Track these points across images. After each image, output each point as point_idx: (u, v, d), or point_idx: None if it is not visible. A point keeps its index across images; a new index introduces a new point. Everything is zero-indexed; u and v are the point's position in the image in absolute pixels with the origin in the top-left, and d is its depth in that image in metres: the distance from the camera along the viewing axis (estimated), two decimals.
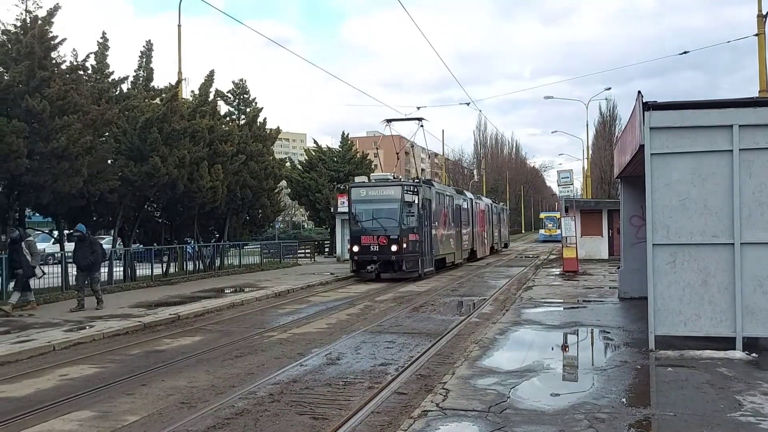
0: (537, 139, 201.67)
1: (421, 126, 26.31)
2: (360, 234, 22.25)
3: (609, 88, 68.54)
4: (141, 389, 7.72)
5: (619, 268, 16.16)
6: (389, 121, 25.42)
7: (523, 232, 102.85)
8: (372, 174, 28.32)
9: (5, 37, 15.81)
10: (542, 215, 72.60)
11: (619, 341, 9.86)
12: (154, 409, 6.89)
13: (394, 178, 25.39)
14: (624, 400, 6.52)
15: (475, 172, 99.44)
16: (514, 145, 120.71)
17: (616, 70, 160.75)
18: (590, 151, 55.15)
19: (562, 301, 14.99)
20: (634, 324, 11.21)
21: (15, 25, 16.03)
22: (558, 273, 23.24)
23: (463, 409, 6.17)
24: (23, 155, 14.68)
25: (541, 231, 65.63)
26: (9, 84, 15.00)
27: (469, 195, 34.59)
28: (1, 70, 15.49)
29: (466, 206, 31.60)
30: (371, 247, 21.97)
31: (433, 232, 24.20)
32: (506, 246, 49.75)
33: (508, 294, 17.76)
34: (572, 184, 26.79)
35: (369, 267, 21.81)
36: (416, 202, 22.26)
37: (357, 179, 25.00)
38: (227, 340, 11.06)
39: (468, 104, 45.34)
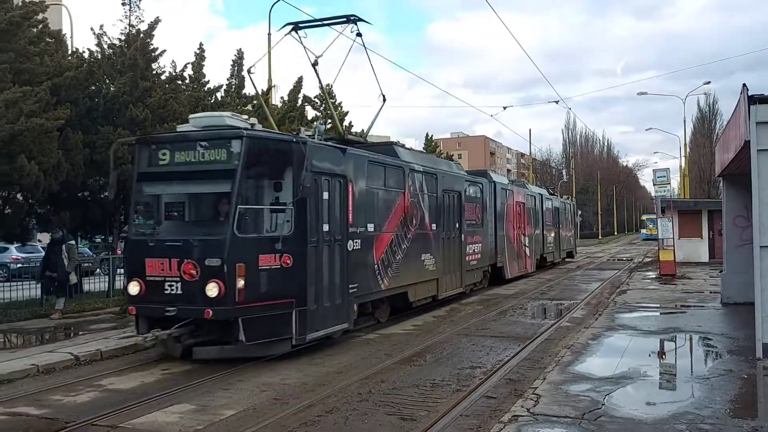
0: (630, 137, 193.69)
1: (358, 34, 12.31)
2: (142, 254, 9.28)
3: (708, 82, 65.21)
4: (237, 384, 8.02)
5: (721, 271, 15.27)
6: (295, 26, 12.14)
7: (615, 234, 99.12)
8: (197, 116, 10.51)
9: (111, 51, 16.88)
10: (644, 217, 77.35)
11: (723, 349, 9.32)
12: (249, 404, 7.14)
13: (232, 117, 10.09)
14: (729, 410, 6.15)
15: (564, 172, 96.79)
16: (606, 144, 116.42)
17: (716, 63, 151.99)
18: (688, 149, 52.41)
19: (658, 305, 14.33)
20: (738, 331, 10.55)
21: (120, 39, 17.09)
22: (654, 276, 22.23)
23: (555, 415, 6.02)
24: (128, 161, 15.61)
25: (643, 231, 70.25)
26: (115, 95, 16.02)
27: (495, 178, 21.59)
28: (108, 81, 16.54)
29: (475, 194, 18.29)
30: (166, 284, 8.95)
31: (354, 246, 10.91)
32: (570, 255, 35.26)
33: (601, 298, 17.17)
34: (669, 183, 25.49)
35: (155, 331, 8.92)
36: (294, 178, 9.49)
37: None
38: None
39: (557, 102, 43.92)
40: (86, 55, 17.25)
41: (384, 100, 13.14)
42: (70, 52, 17.66)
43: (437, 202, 14.68)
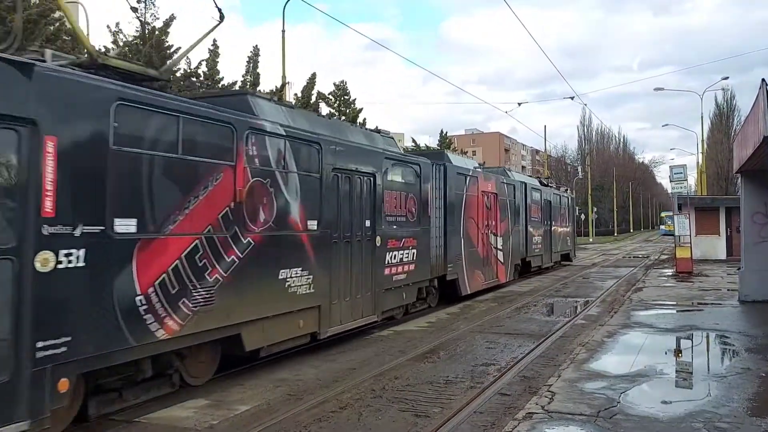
0: (646, 133, 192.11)
1: None
2: None
3: (726, 78, 63.97)
4: (251, 380, 8.05)
5: (739, 269, 15.09)
6: None
7: (631, 231, 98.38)
8: None
9: (127, 48, 17.00)
10: (663, 214, 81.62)
11: (740, 347, 9.21)
12: (263, 399, 7.17)
13: None
14: (747, 409, 6.08)
15: (579, 168, 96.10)
16: (621, 140, 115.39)
17: (734, 58, 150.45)
18: (705, 145, 51.82)
19: (675, 303, 14.20)
20: (757, 329, 10.43)
21: (134, 36, 17.22)
22: (670, 274, 22.03)
23: (570, 412, 5.98)
24: None
25: (662, 227, 74.06)
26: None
27: (453, 159, 16.77)
28: None
29: (407, 179, 12.99)
30: None
31: (67, 261, 5.58)
32: (567, 258, 29.33)
33: (617, 296, 17.04)
34: (686, 180, 25.26)
35: None
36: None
37: None
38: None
39: (572, 98, 43.55)
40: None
41: (221, 19, 8.65)
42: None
43: (321, 186, 9.56)
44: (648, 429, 5.48)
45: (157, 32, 17.03)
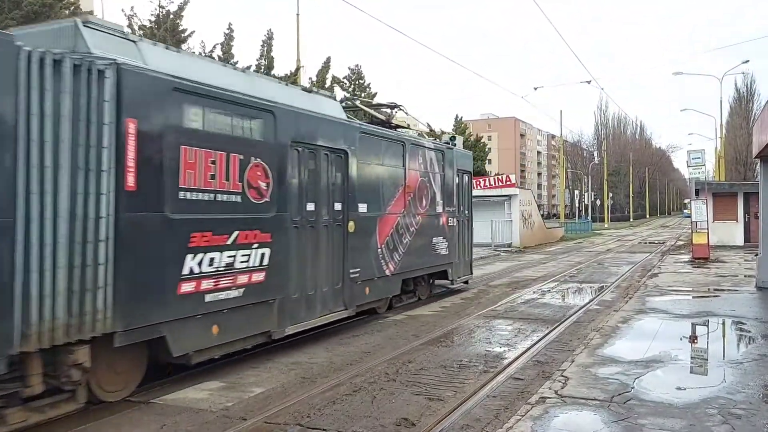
0: (664, 118, 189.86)
1: None
2: None
3: (747, 61, 62.75)
4: (265, 363, 8.11)
5: (756, 255, 14.92)
6: None
7: (647, 216, 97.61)
8: None
9: (142, 32, 17.04)
10: (686, 201, 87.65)
11: (757, 333, 9.14)
12: (277, 382, 7.23)
13: None
14: (763, 395, 6.03)
15: (595, 153, 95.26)
16: (638, 125, 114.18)
17: (754, 41, 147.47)
18: (724, 130, 51.04)
19: (690, 289, 14.09)
20: None
21: (150, 20, 17.24)
22: (686, 260, 21.85)
23: (583, 397, 5.97)
24: None
25: (685, 210, 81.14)
26: None
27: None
28: None
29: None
30: None
31: None
32: (445, 276, 14.05)
33: (632, 281, 16.94)
34: (704, 165, 24.86)
35: None
36: None
37: None
38: (343, 319, 11.35)
39: (589, 82, 43.13)
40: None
41: None
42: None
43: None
44: (662, 415, 5.46)
45: (171, 16, 17.03)
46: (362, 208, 10.39)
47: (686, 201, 78.13)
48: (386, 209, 11.24)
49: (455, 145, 14.48)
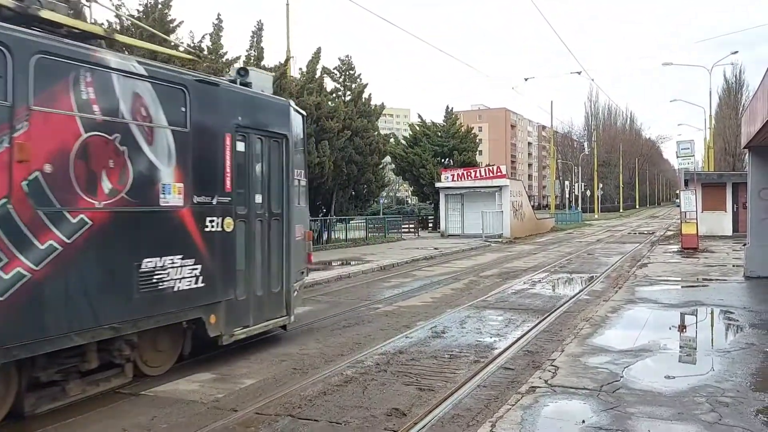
0: (654, 109, 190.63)
1: None
2: None
3: (735, 52, 63.23)
4: (256, 354, 8.11)
5: (745, 245, 15.05)
6: None
7: (637, 207, 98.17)
8: None
9: (129, 22, 16.88)
10: (678, 192, 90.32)
11: (745, 322, 9.22)
12: (269, 373, 7.23)
13: None
14: (750, 384, 6.10)
15: (585, 144, 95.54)
16: (629, 116, 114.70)
17: (742, 32, 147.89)
18: (713, 121, 51.30)
19: (680, 279, 14.19)
20: (761, 305, 10.43)
21: (138, 10, 17.08)
22: (676, 250, 22.00)
23: (573, 386, 6.01)
24: None
25: (676, 200, 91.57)
26: None
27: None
28: (126, 53, 16.57)
29: None
30: None
31: None
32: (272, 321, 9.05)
33: (621, 271, 17.04)
34: (693, 155, 25.02)
35: None
36: None
37: None
38: (335, 310, 11.37)
39: (579, 73, 43.33)
40: (105, 26, 17.26)
41: None
42: (88, 23, 17.69)
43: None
44: (651, 403, 5.51)
45: (160, 6, 16.87)
46: None
47: (678, 192, 79.34)
48: None
49: (248, 84, 8.23)
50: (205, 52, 19.53)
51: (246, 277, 7.87)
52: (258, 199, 8.12)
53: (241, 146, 7.83)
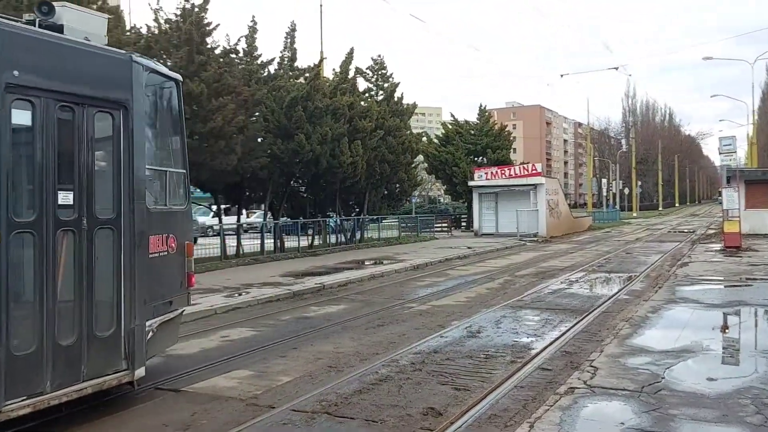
0: (694, 105, 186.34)
1: None
2: None
3: None
4: (292, 352, 8.18)
5: None
6: None
7: (677, 205, 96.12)
8: None
9: (167, 25, 17.16)
10: (720, 189, 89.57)
11: None
12: (305, 371, 7.28)
13: None
14: None
15: (623, 141, 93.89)
16: (667, 112, 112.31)
17: None
18: (756, 116, 49.89)
19: (722, 278, 13.84)
20: None
21: (175, 14, 17.35)
22: (718, 249, 21.46)
23: (613, 387, 5.91)
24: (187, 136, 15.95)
25: (718, 197, 79.61)
26: (171, 69, 16.30)
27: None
28: (165, 56, 16.85)
29: None
30: None
31: None
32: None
33: (661, 271, 16.70)
34: (735, 152, 24.42)
35: None
36: None
37: None
38: (369, 309, 11.40)
39: (616, 69, 42.52)
40: (144, 30, 17.59)
41: None
42: (128, 27, 18.04)
43: None
44: (694, 405, 5.38)
45: (196, 9, 17.12)
46: None
47: (719, 189, 78.06)
48: None
49: (56, 28, 5.61)
50: (241, 54, 19.74)
51: (34, 318, 5.21)
52: (65, 199, 5.47)
53: (22, 117, 5.19)
